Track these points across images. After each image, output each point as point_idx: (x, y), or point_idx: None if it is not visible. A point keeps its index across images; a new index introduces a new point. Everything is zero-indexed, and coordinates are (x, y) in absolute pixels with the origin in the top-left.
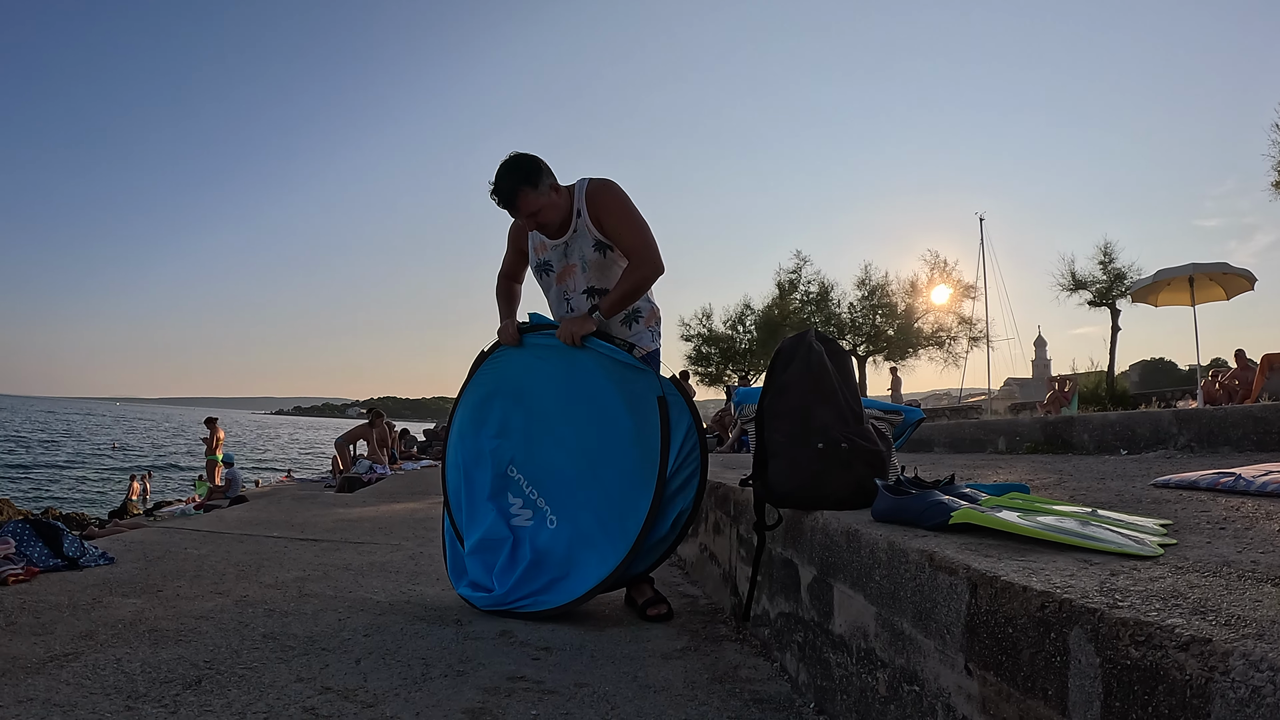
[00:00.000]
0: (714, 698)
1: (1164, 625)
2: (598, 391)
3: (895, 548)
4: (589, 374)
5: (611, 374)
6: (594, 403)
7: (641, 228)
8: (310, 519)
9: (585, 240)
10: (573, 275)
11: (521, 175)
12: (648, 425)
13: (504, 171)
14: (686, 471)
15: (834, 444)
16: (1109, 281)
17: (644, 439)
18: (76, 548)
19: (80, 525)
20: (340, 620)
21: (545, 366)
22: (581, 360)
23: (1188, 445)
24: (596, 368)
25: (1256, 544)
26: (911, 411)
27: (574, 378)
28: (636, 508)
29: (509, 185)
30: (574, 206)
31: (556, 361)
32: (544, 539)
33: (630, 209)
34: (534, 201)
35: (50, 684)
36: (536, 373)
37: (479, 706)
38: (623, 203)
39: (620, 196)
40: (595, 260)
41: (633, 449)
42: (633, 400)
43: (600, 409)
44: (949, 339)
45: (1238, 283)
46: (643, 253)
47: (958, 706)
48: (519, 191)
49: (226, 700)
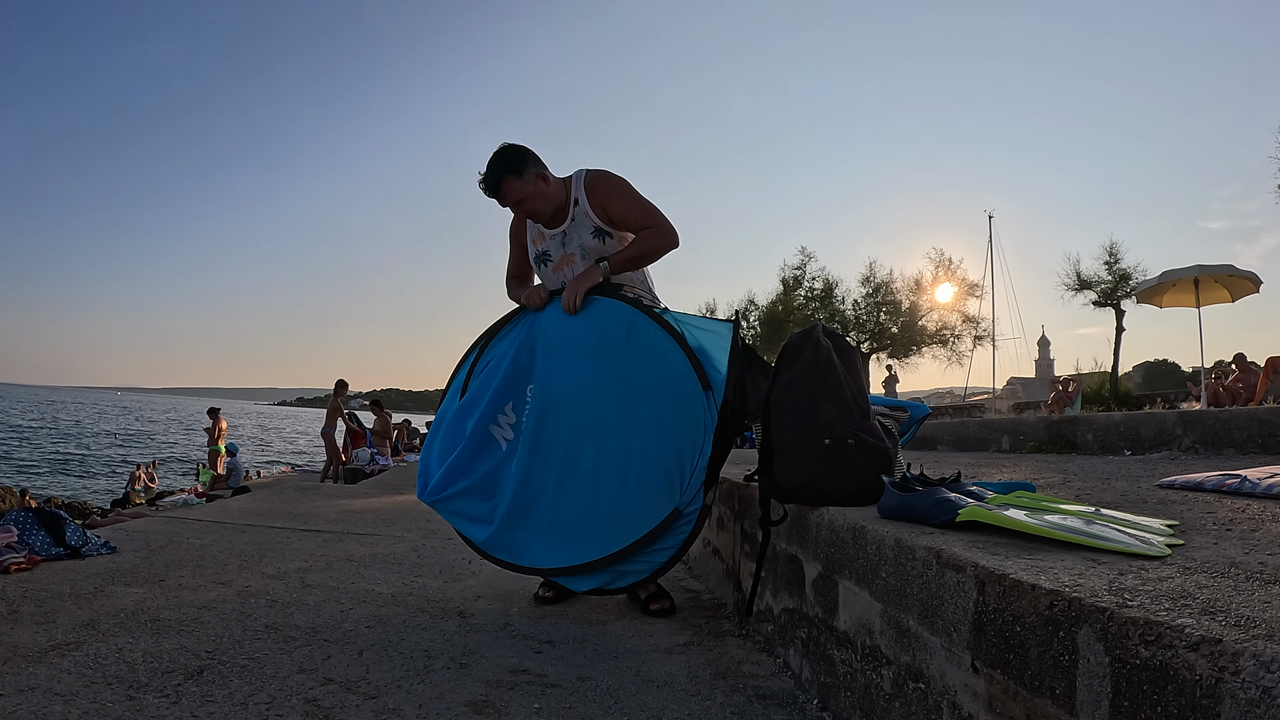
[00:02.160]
0: (717, 693)
1: (1174, 625)
2: (633, 385)
3: (902, 544)
4: (624, 358)
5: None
6: (624, 399)
7: (650, 206)
8: (313, 510)
9: (584, 228)
10: (571, 264)
11: (506, 164)
12: (677, 441)
13: (491, 161)
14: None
15: (840, 440)
16: (1114, 282)
17: (666, 457)
18: (79, 537)
19: (83, 514)
20: (343, 611)
21: (570, 341)
22: (614, 339)
23: (1192, 447)
24: (632, 351)
25: (1264, 545)
26: (918, 408)
27: (605, 360)
28: (624, 530)
29: (494, 174)
30: (570, 196)
31: (584, 331)
32: (509, 478)
33: (633, 191)
34: (519, 190)
35: (52, 673)
36: (561, 344)
37: (481, 699)
38: (624, 186)
39: (621, 182)
40: (594, 247)
41: (652, 469)
42: (668, 405)
43: (629, 410)
44: (953, 337)
45: (1243, 285)
46: (657, 225)
47: (964, 704)
48: (504, 180)
49: (228, 691)
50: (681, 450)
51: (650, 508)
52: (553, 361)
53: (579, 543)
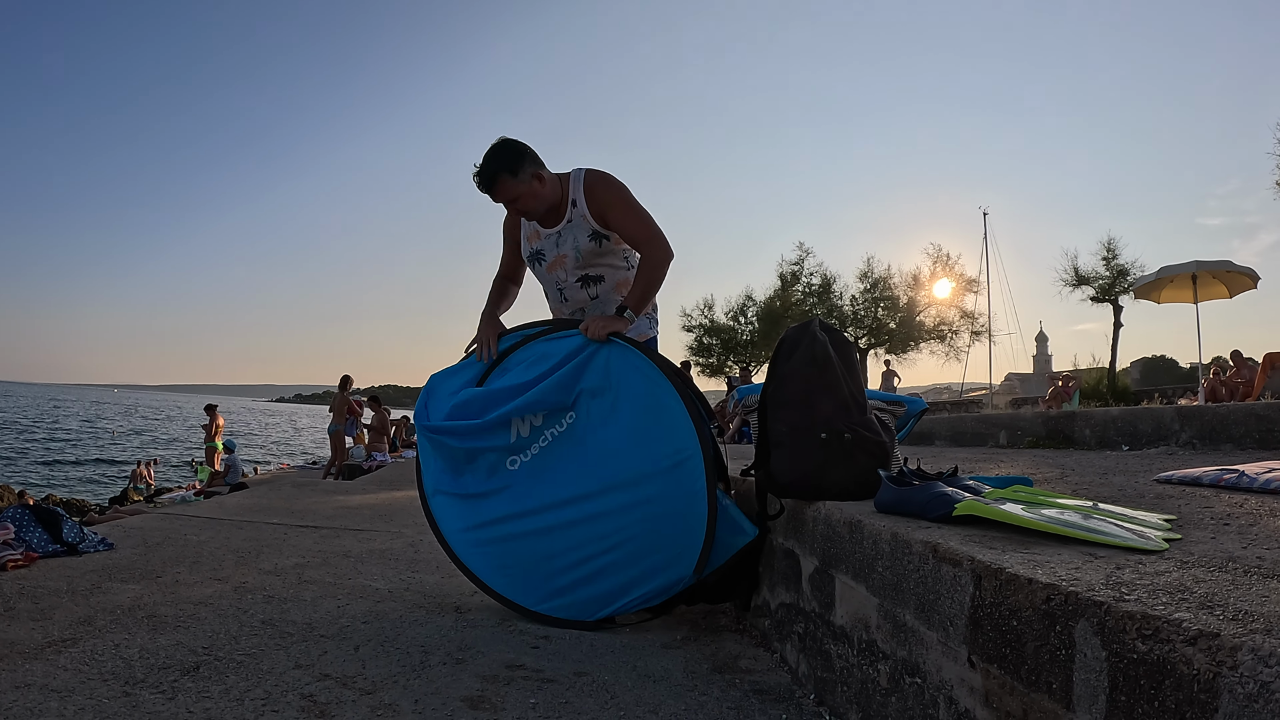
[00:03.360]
0: (714, 688)
1: (1171, 619)
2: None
3: (899, 539)
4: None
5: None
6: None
7: (646, 218)
8: (310, 506)
9: (581, 230)
10: (564, 265)
11: (502, 161)
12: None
13: (487, 156)
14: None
15: (837, 434)
16: (1112, 278)
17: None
18: (76, 533)
19: (80, 511)
20: (339, 607)
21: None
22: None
23: (1189, 442)
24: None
25: (1261, 540)
26: (915, 402)
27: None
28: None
29: (489, 170)
30: (568, 196)
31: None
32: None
33: (632, 200)
34: (512, 189)
35: (48, 669)
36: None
37: (478, 695)
38: (624, 195)
39: (621, 189)
40: (589, 249)
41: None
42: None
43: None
44: (950, 333)
45: (1241, 281)
46: (653, 241)
47: (960, 699)
48: (498, 177)
49: (224, 686)
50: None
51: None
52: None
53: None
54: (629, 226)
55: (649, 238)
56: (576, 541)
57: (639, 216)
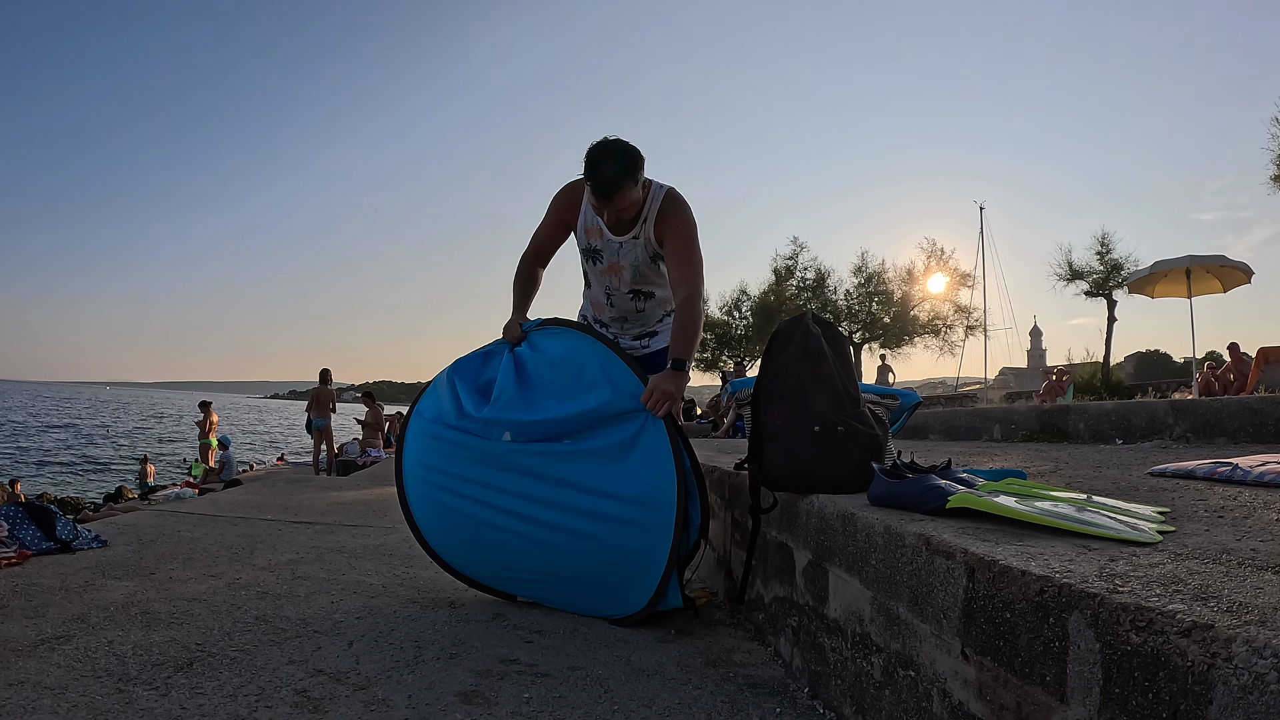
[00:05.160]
0: (708, 682)
1: (1165, 611)
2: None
3: (892, 532)
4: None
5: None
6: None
7: (699, 264)
8: (304, 502)
9: (644, 248)
10: (619, 274)
11: (629, 170)
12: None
13: (611, 157)
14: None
15: (830, 427)
16: (1106, 272)
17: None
18: (69, 531)
19: (74, 509)
20: (333, 603)
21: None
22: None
23: (1183, 435)
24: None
25: (1255, 532)
26: (908, 396)
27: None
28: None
29: (615, 175)
30: (645, 210)
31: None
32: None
33: (694, 239)
34: (627, 197)
35: (41, 666)
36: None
37: (472, 689)
38: (689, 232)
39: (690, 224)
40: (648, 268)
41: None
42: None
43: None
44: (945, 327)
45: (1235, 275)
46: (694, 286)
47: (954, 692)
48: (622, 185)
49: (218, 683)
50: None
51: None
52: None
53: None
54: (679, 264)
55: (693, 284)
56: (535, 545)
57: (692, 260)
